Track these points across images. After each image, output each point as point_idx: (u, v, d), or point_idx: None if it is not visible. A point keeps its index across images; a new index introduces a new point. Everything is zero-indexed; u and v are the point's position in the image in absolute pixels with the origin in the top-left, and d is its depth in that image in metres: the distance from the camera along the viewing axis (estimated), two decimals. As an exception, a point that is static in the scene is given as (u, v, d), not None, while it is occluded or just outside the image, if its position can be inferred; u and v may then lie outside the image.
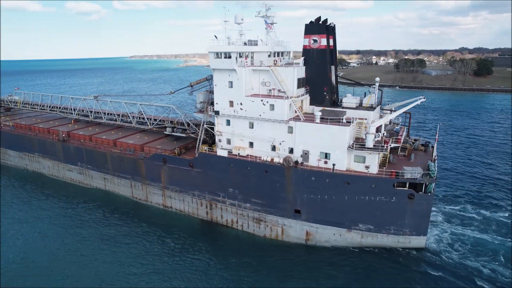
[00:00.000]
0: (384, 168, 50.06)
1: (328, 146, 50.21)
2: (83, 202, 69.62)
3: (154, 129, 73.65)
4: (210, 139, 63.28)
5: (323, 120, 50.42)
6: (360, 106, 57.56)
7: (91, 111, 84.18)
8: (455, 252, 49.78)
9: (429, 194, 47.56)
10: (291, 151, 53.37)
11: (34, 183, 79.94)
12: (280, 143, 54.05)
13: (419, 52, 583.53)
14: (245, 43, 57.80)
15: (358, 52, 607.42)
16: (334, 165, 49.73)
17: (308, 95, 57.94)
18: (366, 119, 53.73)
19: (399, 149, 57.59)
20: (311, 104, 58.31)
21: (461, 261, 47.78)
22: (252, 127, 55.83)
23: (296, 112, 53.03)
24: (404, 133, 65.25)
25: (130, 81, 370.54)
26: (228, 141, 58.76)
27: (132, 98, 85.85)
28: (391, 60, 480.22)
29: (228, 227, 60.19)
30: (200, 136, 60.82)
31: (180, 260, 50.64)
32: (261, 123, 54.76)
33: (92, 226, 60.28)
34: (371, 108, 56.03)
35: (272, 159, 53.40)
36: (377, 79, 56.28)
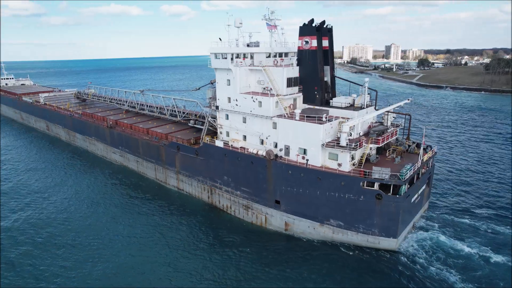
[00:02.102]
0: (354, 167, 50.80)
1: (305, 142, 52.82)
2: (120, 180, 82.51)
3: (182, 121, 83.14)
4: None
5: (302, 117, 53.21)
6: (351, 106, 58.42)
7: (137, 103, 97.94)
8: (428, 259, 48.15)
9: (398, 196, 47.24)
10: (276, 145, 57.09)
11: (86, 159, 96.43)
12: (267, 138, 58.16)
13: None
14: (248, 45, 63.10)
15: (447, 52, 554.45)
16: (307, 160, 52.25)
17: (301, 93, 60.74)
18: (349, 118, 54.66)
19: (390, 151, 57.12)
20: (304, 102, 60.99)
21: (431, 270, 46.21)
22: (245, 122, 60.90)
23: (285, 109, 56.50)
24: (403, 135, 63.82)
25: (213, 77, 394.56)
26: (227, 134, 64.72)
27: (168, 93, 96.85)
28: (486, 60, 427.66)
29: (224, 211, 66.25)
30: (205, 128, 67.87)
31: (176, 234, 58.03)
32: (252, 118, 59.52)
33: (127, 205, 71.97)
34: (358, 108, 56.61)
35: (257, 152, 57.80)
36: (366, 79, 56.40)
